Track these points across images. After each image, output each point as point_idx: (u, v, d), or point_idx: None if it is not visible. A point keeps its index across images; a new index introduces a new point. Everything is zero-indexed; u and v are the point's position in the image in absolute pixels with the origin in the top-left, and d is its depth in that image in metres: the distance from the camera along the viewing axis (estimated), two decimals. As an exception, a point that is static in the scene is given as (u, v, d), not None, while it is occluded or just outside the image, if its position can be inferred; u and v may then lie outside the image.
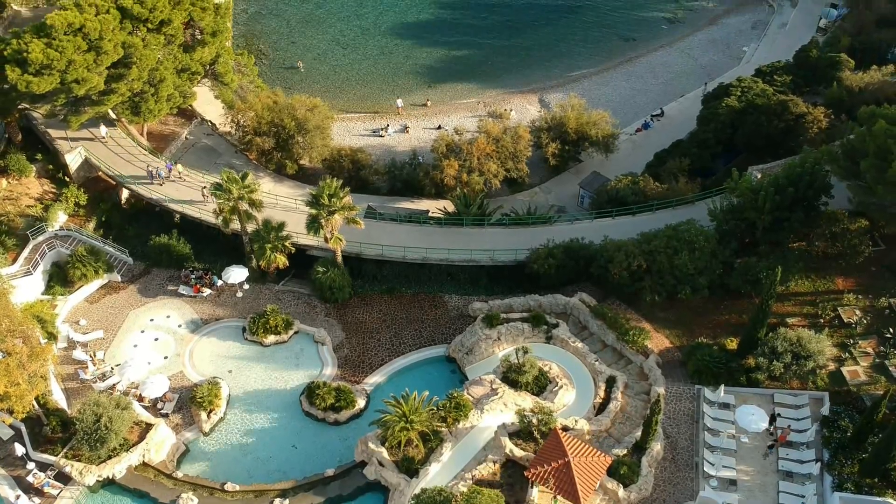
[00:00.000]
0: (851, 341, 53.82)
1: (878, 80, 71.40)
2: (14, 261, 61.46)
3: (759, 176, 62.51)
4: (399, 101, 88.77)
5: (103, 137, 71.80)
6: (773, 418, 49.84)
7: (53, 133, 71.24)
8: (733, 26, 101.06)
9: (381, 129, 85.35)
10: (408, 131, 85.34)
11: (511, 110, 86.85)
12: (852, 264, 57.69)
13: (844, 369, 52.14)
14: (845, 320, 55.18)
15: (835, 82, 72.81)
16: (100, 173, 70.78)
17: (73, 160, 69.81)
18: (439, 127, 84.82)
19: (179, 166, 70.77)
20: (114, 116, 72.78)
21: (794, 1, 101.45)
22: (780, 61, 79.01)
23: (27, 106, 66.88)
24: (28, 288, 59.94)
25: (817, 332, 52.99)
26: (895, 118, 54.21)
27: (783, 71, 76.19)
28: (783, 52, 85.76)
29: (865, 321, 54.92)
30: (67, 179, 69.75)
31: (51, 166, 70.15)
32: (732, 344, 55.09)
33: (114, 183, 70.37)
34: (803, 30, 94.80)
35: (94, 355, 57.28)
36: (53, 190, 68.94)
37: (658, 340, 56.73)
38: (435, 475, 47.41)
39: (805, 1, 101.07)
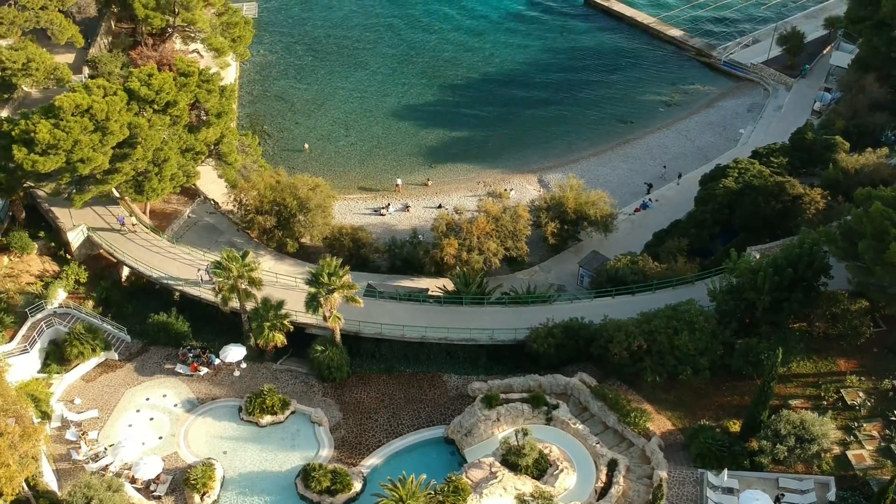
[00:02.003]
0: (856, 424, 53.13)
1: (874, 163, 72.27)
2: (11, 338, 61.20)
3: (758, 256, 62.68)
4: (399, 181, 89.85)
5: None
6: (777, 503, 48.73)
7: (56, 211, 71.88)
8: (729, 109, 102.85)
9: (382, 208, 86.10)
10: (408, 210, 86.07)
11: (510, 190, 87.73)
12: (854, 345, 57.39)
13: (850, 453, 51.29)
14: (849, 402, 54.54)
15: (831, 164, 73.68)
16: (101, 251, 71.12)
17: (75, 238, 70.27)
18: (440, 206, 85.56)
19: (133, 219, 71.43)
20: (117, 195, 73.54)
21: (789, 84, 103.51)
22: (777, 143, 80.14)
23: (32, 184, 67.71)
24: (24, 366, 59.52)
25: (821, 415, 52.32)
26: (891, 200, 54.74)
27: (780, 153, 77.17)
28: (779, 135, 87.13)
29: (869, 403, 54.28)
30: (69, 257, 70.10)
31: (53, 244, 70.62)
32: (735, 426, 54.32)
33: (114, 261, 70.64)
34: (798, 113, 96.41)
35: (86, 435, 56.42)
36: (54, 267, 69.19)
37: (660, 422, 55.94)
38: (432, 562, 46.13)
39: (800, 85, 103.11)
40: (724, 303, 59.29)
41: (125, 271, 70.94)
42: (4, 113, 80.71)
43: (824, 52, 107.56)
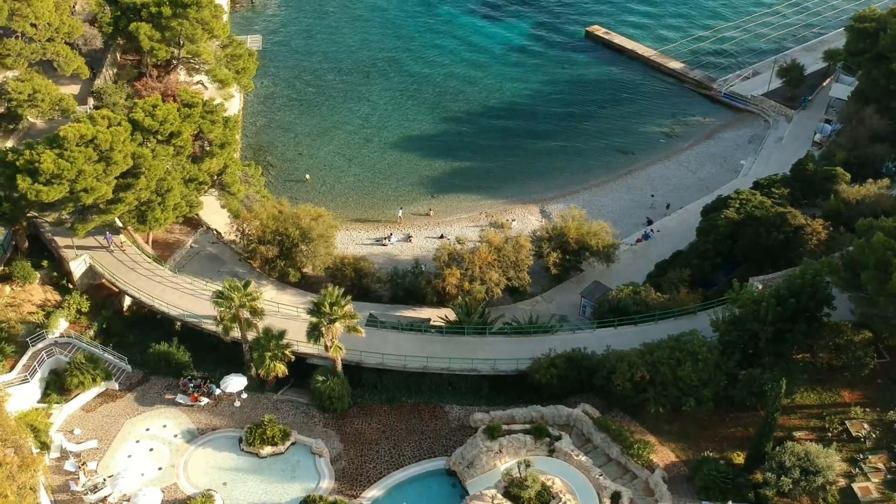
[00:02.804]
0: (861, 456, 52.65)
1: (875, 194, 72.46)
2: (12, 368, 61.04)
3: (760, 287, 62.62)
4: (400, 212, 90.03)
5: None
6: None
7: (59, 241, 72.02)
8: (730, 140, 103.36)
9: (385, 238, 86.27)
10: (410, 240, 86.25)
11: (512, 220, 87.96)
12: (858, 377, 57.07)
13: (855, 486, 50.76)
14: (854, 434, 54.12)
15: (832, 195, 73.87)
16: (103, 280, 71.17)
17: (77, 267, 70.33)
18: (441, 236, 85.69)
19: (121, 236, 72.12)
20: (120, 224, 73.75)
21: (790, 116, 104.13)
22: (778, 174, 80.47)
23: (36, 214, 67.94)
24: (24, 396, 59.27)
25: (825, 447, 51.87)
26: (893, 230, 54.75)
27: (781, 184, 77.44)
28: (780, 166, 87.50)
29: (874, 435, 53.86)
30: (71, 286, 70.10)
31: (55, 273, 70.67)
32: (739, 458, 53.84)
33: (116, 290, 70.66)
34: (799, 144, 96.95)
35: (85, 465, 55.98)
36: (56, 297, 69.19)
37: (663, 454, 55.48)
38: None
39: (800, 116, 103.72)
40: (727, 333, 59.08)
41: (127, 301, 70.89)
42: (9, 143, 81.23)
43: (824, 84, 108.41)
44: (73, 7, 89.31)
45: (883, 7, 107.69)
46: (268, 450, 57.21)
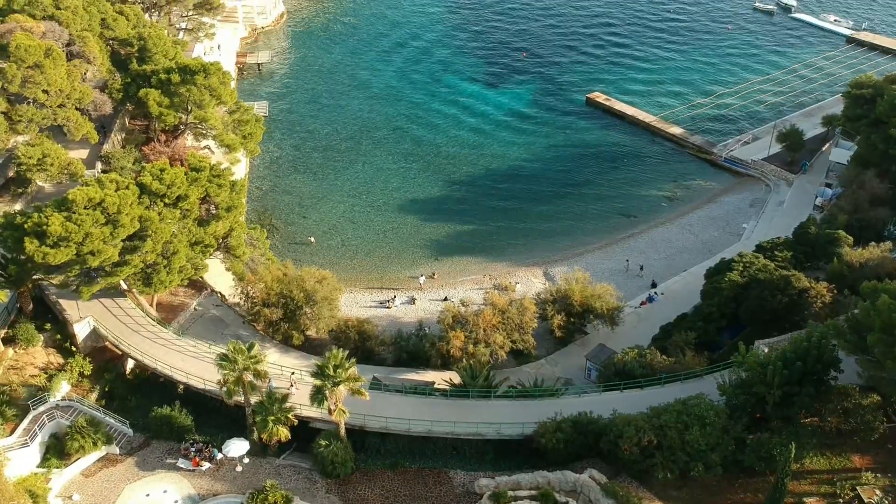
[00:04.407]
0: (874, 523, 51.62)
1: (878, 256, 72.65)
2: (12, 431, 60.43)
3: (767, 350, 62.29)
4: (422, 279, 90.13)
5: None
6: None
7: (64, 303, 72.06)
8: (732, 204, 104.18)
9: (389, 301, 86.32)
10: (414, 303, 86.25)
11: (516, 283, 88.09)
12: (867, 441, 56.30)
13: (870, 554, 49.64)
14: (866, 500, 53.16)
15: (835, 258, 74.04)
16: (107, 343, 70.99)
17: (81, 330, 70.22)
18: (445, 299, 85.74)
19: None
20: (125, 287, 73.90)
21: (790, 180, 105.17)
22: (780, 238, 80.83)
23: (41, 276, 68.17)
24: (23, 460, 58.55)
25: (838, 513, 50.94)
26: (898, 293, 54.73)
27: (784, 247, 77.72)
28: (782, 229, 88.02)
29: (887, 501, 52.85)
30: (74, 349, 69.88)
31: (58, 336, 70.51)
32: (750, 525, 52.85)
33: (120, 353, 70.43)
34: (800, 208, 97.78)
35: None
36: (59, 360, 68.90)
37: (672, 521, 54.48)
38: None
39: (800, 180, 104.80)
40: (735, 397, 58.53)
41: (130, 363, 70.60)
42: (17, 206, 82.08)
43: (823, 148, 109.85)
44: (85, 74, 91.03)
45: (879, 74, 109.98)
46: (269, 516, 56.25)
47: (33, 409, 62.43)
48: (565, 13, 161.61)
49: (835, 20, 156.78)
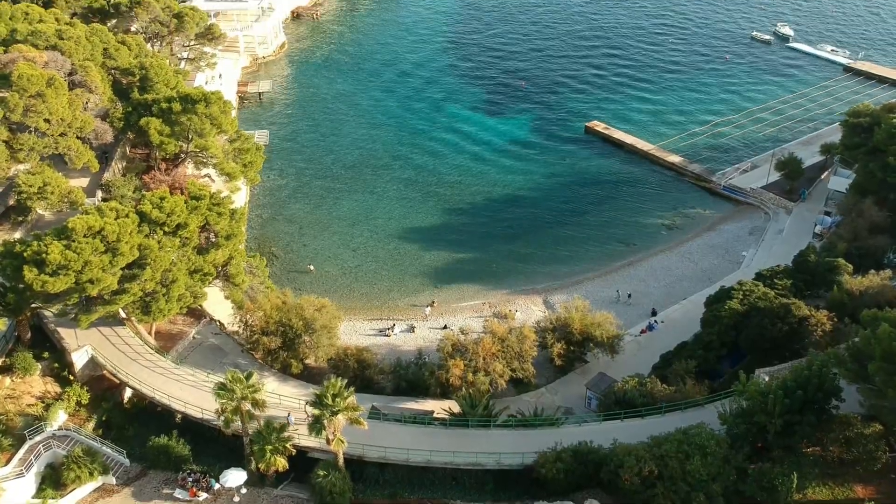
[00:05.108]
0: (878, 555, 51.00)
1: (878, 284, 72.51)
2: (8, 461, 60.03)
3: (767, 379, 61.98)
4: (427, 309, 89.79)
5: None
6: None
7: (62, 332, 71.84)
8: (731, 232, 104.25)
9: (388, 329, 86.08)
10: (414, 331, 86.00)
11: (516, 311, 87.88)
12: (870, 471, 55.82)
13: (874, 586, 49.01)
14: (869, 531, 52.60)
15: (835, 286, 73.90)
16: (105, 372, 70.67)
17: (79, 358, 69.95)
18: (445, 327, 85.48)
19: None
20: (123, 315, 73.73)
21: (789, 208, 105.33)
22: (780, 266, 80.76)
23: (40, 305, 68.04)
24: (19, 490, 58.17)
25: (841, 545, 50.36)
26: (898, 322, 54.55)
27: (783, 275, 77.64)
28: (782, 257, 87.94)
29: (891, 533, 52.32)
30: (71, 378, 69.56)
31: (56, 364, 70.23)
32: (753, 556, 52.23)
33: (117, 382, 70.08)
34: (800, 236, 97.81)
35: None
36: (56, 389, 68.58)
37: (674, 552, 53.81)
38: None
39: (799, 209, 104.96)
40: (735, 426, 58.14)
41: (128, 392, 70.23)
42: (17, 235, 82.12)
43: (822, 177, 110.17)
44: (86, 103, 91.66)
45: (876, 103, 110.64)
46: (267, 547, 55.65)
47: (29, 438, 62.06)
48: (564, 44, 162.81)
49: (832, 50, 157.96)
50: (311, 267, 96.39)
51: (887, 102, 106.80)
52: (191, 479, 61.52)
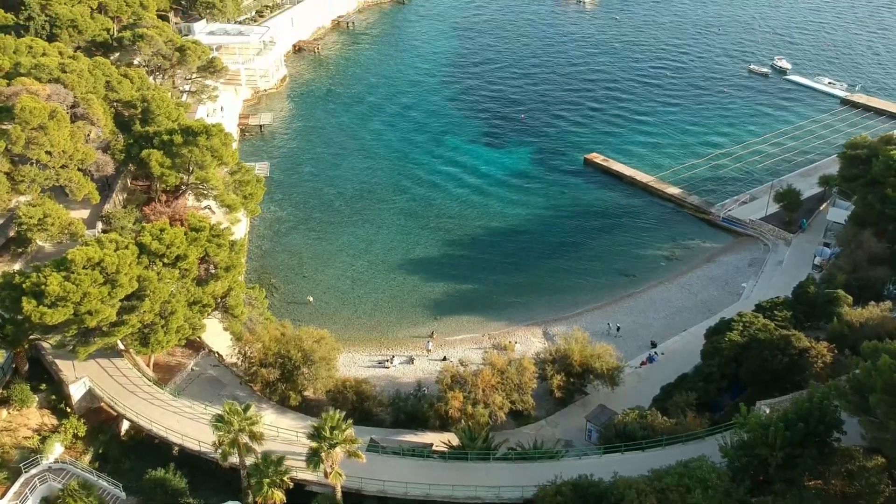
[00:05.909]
0: (883, 591, 50.24)
1: (878, 316, 72.31)
2: (3, 495, 59.45)
3: (768, 411, 61.57)
4: (430, 343, 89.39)
5: None
6: None
7: (59, 363, 71.59)
8: (730, 264, 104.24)
9: (387, 361, 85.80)
10: (413, 363, 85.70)
11: (515, 343, 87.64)
12: (873, 504, 55.15)
13: None
14: (873, 567, 51.86)
15: (835, 318, 73.71)
16: (102, 404, 70.30)
17: (76, 390, 69.62)
18: (444, 359, 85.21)
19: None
20: (122, 347, 73.53)
21: (788, 240, 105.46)
22: (780, 297, 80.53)
23: (38, 336, 67.89)
24: (13, 525, 57.59)
25: (845, 580, 49.63)
26: (899, 353, 54.28)
27: (783, 306, 77.45)
28: (781, 289, 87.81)
29: (895, 568, 51.61)
30: (69, 410, 69.16)
31: (53, 396, 69.86)
32: (755, 593, 51.46)
33: (115, 414, 69.69)
34: (799, 267, 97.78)
35: None
36: (53, 421, 68.18)
37: (675, 588, 53.07)
38: None
39: (799, 240, 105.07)
40: (737, 459, 57.59)
41: (125, 425, 69.80)
42: (16, 266, 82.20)
43: (821, 208, 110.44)
44: (88, 135, 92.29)
45: (873, 135, 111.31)
46: (263, 583, 54.94)
47: (25, 471, 61.55)
48: (562, 78, 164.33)
49: (829, 82, 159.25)
50: (311, 298, 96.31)
51: (884, 134, 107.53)
52: (187, 513, 60.99)
